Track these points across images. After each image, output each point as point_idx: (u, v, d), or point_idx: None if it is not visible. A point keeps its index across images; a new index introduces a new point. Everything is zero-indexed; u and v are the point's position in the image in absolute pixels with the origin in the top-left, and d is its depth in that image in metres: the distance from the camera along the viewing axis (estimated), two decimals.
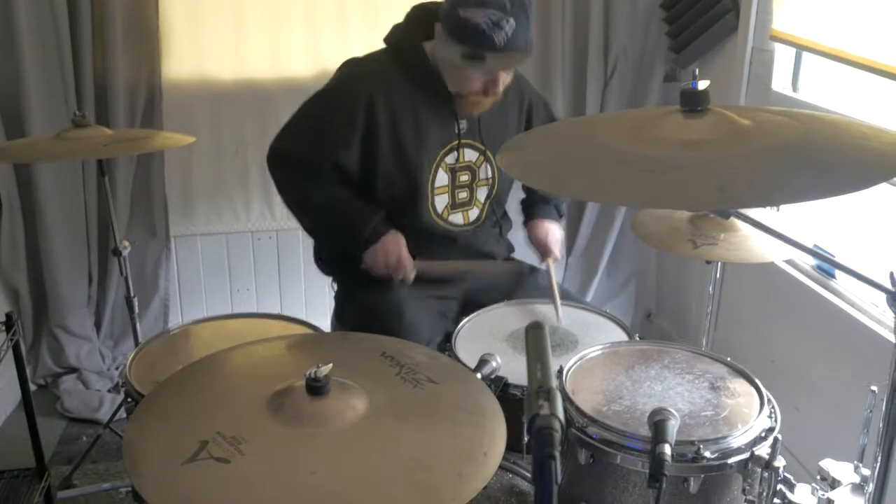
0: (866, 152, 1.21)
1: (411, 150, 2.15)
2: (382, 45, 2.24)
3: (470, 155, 2.25)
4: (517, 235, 2.52)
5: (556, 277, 2.24)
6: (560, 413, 0.82)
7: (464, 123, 2.20)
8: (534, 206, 2.44)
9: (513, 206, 2.51)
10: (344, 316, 2.31)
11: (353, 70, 2.20)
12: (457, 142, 2.21)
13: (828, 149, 1.24)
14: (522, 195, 2.52)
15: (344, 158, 2.14)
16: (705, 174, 1.18)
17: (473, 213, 2.31)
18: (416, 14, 2.19)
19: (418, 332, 2.05)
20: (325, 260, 2.41)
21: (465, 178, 2.25)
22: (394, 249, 2.16)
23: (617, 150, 1.29)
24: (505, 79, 2.09)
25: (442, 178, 2.21)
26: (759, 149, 1.22)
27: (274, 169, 2.23)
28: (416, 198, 2.19)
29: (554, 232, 2.39)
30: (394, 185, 2.17)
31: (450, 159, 2.21)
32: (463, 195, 2.27)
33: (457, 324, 2.06)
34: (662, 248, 2.21)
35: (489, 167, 2.28)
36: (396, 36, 2.21)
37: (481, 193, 2.30)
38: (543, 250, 2.36)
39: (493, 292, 2.22)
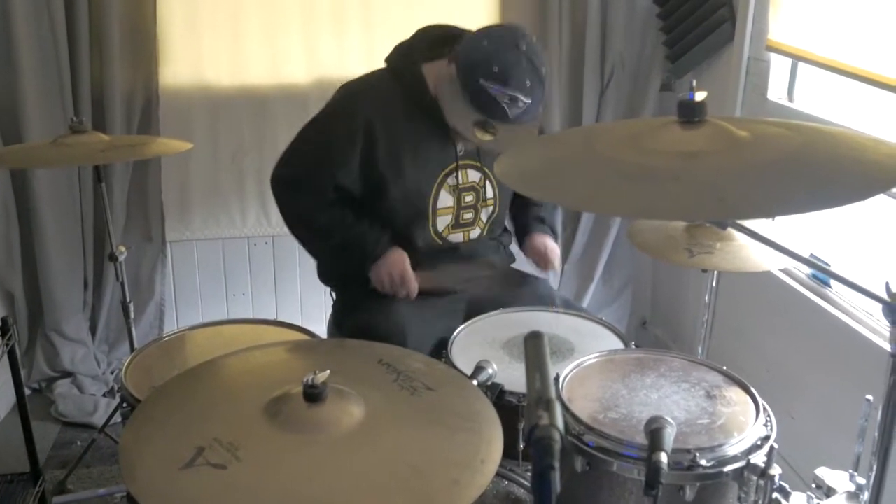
0: (864, 163, 1.22)
1: (410, 171, 2.16)
2: (380, 54, 2.25)
3: (473, 175, 2.25)
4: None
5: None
6: (560, 424, 0.82)
7: (461, 145, 2.21)
8: (528, 226, 2.42)
9: None
10: (343, 327, 2.31)
11: (349, 92, 2.20)
12: (455, 164, 2.21)
13: (826, 160, 1.24)
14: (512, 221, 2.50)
15: (345, 179, 2.15)
16: (703, 185, 1.18)
17: (474, 233, 2.31)
18: (422, 35, 2.19)
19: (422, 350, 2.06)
20: (328, 276, 2.41)
21: (469, 198, 2.26)
22: (398, 266, 2.17)
23: (614, 160, 1.30)
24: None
25: (445, 199, 2.22)
26: (757, 160, 1.22)
27: (278, 195, 2.24)
28: (418, 218, 2.20)
29: (552, 244, 2.37)
30: (395, 205, 2.18)
31: (452, 180, 2.22)
32: (468, 216, 2.28)
33: None
34: (659, 258, 2.22)
35: (491, 187, 2.29)
36: (397, 58, 2.20)
37: (485, 214, 2.31)
38: (543, 260, 2.34)
39: (497, 301, 2.22)
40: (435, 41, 2.15)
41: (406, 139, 2.14)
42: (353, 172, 2.14)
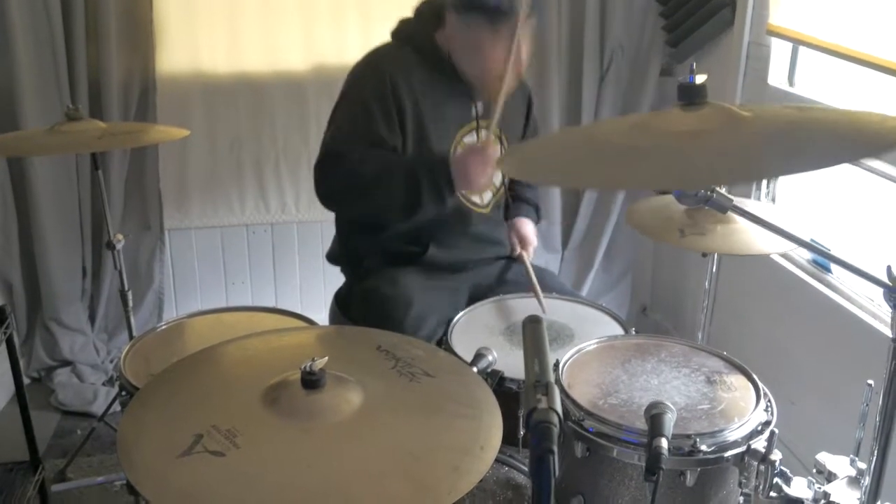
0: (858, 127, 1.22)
1: (432, 131, 2.16)
2: (378, 40, 2.25)
3: (486, 136, 2.25)
4: None
5: (532, 271, 2.26)
6: (558, 407, 0.82)
7: (480, 105, 2.23)
8: (516, 207, 2.47)
9: None
10: (350, 300, 2.32)
11: (368, 60, 2.21)
12: (475, 123, 2.23)
13: (818, 126, 1.24)
14: None
15: (394, 140, 2.13)
16: (677, 156, 1.17)
17: (487, 194, 2.31)
18: (423, 9, 2.22)
19: (423, 326, 2.07)
20: (343, 255, 2.40)
21: (472, 141, 2.24)
22: (470, 153, 2.12)
23: (605, 141, 1.28)
24: (526, 47, 2.11)
25: None
26: (751, 135, 1.21)
27: (329, 171, 2.16)
28: (439, 172, 2.15)
29: (532, 229, 2.44)
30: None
31: (469, 140, 2.22)
32: None
33: None
34: (652, 237, 2.21)
35: (501, 150, 2.28)
36: (406, 27, 2.23)
37: (496, 176, 2.31)
38: (523, 241, 2.38)
39: (501, 287, 2.22)
40: (437, 13, 2.17)
41: (427, 98, 2.15)
42: (395, 130, 2.13)
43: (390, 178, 2.12)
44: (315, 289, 3.42)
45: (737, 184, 1.36)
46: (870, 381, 1.51)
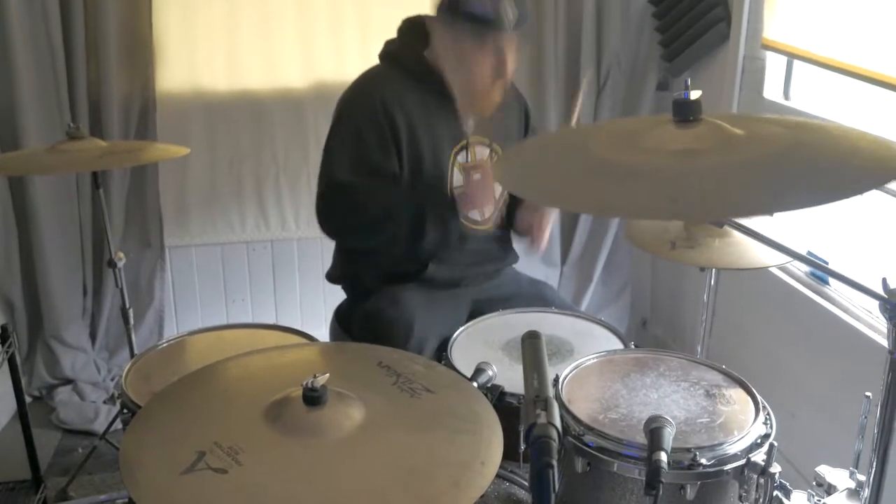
0: (856, 159, 1.22)
1: (428, 151, 2.16)
2: (377, 59, 2.26)
3: (481, 153, 2.26)
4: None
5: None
6: (557, 422, 0.82)
7: (471, 122, 2.22)
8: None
9: None
10: (351, 319, 2.31)
11: (357, 85, 2.21)
12: (465, 141, 2.22)
13: (816, 157, 1.24)
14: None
15: (388, 162, 2.13)
16: (667, 183, 1.17)
17: (488, 209, 2.29)
18: (407, 27, 2.22)
19: (425, 348, 2.07)
20: (342, 274, 2.41)
21: (477, 176, 2.24)
22: (474, 188, 2.17)
23: (597, 158, 1.29)
24: (512, 59, 2.10)
25: (457, 178, 2.22)
26: (745, 160, 1.21)
27: (331, 210, 2.18)
28: (441, 200, 2.19)
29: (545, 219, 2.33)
30: (417, 186, 2.17)
31: (462, 158, 2.22)
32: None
33: None
34: (648, 250, 2.22)
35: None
36: (393, 47, 2.23)
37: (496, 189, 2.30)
38: (536, 228, 2.30)
39: (501, 303, 2.23)
40: (421, 31, 2.17)
41: (420, 118, 2.15)
42: (391, 155, 2.13)
43: (394, 212, 2.14)
44: (315, 305, 3.43)
45: (731, 217, 1.37)
46: (868, 393, 1.52)
